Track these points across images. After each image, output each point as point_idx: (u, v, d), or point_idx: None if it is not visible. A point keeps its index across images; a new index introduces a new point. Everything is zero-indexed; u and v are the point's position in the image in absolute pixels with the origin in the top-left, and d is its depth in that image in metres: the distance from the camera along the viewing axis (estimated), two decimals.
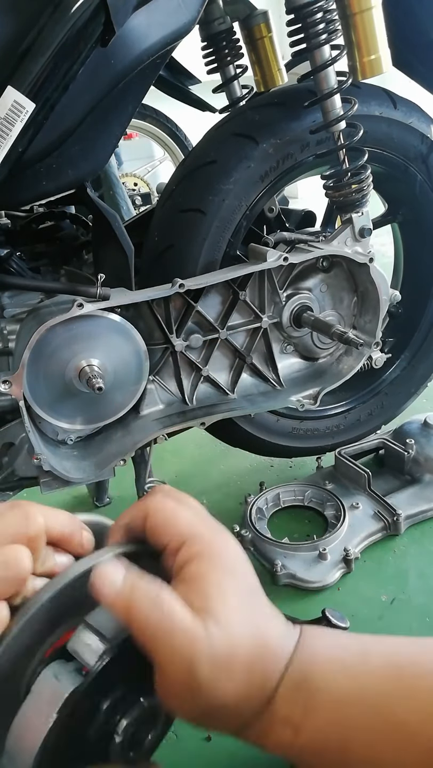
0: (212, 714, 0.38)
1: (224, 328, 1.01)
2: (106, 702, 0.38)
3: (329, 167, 1.06)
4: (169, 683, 0.37)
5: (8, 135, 0.72)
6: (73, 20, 0.70)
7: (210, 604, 0.38)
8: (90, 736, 0.38)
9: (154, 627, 0.37)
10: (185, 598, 0.38)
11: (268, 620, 0.41)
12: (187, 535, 0.41)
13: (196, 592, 0.38)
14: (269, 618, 0.41)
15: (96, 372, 0.88)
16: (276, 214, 1.12)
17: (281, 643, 0.40)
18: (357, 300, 1.13)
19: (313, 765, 0.40)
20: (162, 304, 0.96)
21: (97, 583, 0.38)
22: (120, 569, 0.39)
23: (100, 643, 0.38)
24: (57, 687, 0.37)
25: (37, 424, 0.94)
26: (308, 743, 0.38)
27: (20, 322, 0.95)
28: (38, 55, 0.70)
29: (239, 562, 0.42)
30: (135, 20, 0.79)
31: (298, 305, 1.07)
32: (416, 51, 1.14)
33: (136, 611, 0.37)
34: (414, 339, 1.31)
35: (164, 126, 3.07)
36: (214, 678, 0.37)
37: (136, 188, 3.77)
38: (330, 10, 0.92)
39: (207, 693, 0.37)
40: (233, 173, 0.99)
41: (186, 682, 0.37)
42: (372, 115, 1.06)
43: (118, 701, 0.39)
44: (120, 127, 0.89)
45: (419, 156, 1.13)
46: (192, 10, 0.84)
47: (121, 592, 0.37)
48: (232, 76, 1.23)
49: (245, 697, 0.38)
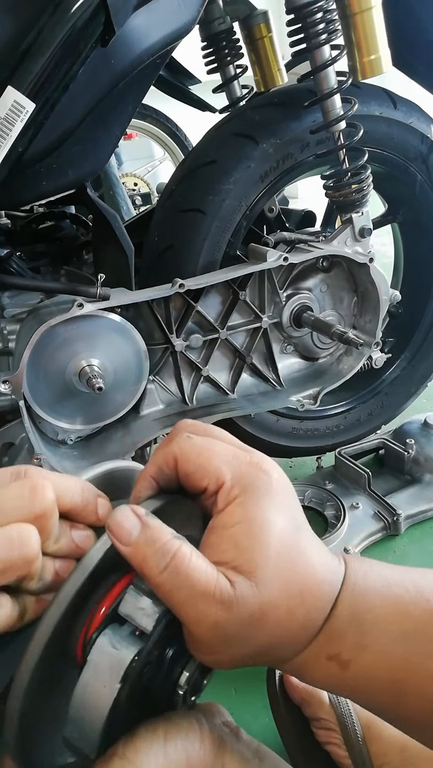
0: (245, 661, 0.37)
1: (224, 328, 1.01)
2: (166, 660, 0.38)
3: (329, 167, 1.06)
4: (197, 644, 0.36)
5: (8, 135, 0.72)
6: (74, 20, 0.70)
7: (245, 558, 0.35)
8: (154, 693, 0.38)
9: (173, 593, 0.34)
10: (219, 549, 0.36)
11: (311, 562, 0.38)
12: (225, 476, 0.38)
13: (233, 543, 0.36)
14: (314, 558, 0.38)
15: (96, 372, 0.88)
16: (276, 214, 1.12)
17: (326, 585, 0.38)
18: (357, 300, 1.13)
19: (361, 698, 0.39)
20: (162, 304, 0.96)
21: (113, 531, 0.36)
22: (138, 516, 0.36)
23: (153, 606, 0.36)
24: (116, 656, 0.36)
25: (37, 424, 0.94)
26: (356, 678, 0.37)
27: (20, 322, 0.95)
28: (38, 55, 0.70)
29: (283, 497, 0.38)
30: (135, 20, 0.79)
31: (298, 305, 1.07)
32: (416, 51, 1.14)
33: (151, 575, 0.35)
34: (414, 339, 1.31)
35: (164, 126, 3.07)
36: (245, 635, 0.35)
37: (136, 188, 3.77)
38: (330, 10, 0.92)
39: (238, 648, 0.36)
40: (233, 173, 0.98)
41: (213, 644, 0.35)
42: (372, 115, 1.06)
43: (178, 655, 0.38)
44: (120, 127, 0.89)
45: (419, 156, 1.13)
46: (192, 10, 0.84)
47: (136, 548, 0.35)
48: (232, 76, 1.23)
49: (283, 642, 0.37)
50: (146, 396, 1.00)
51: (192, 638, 0.36)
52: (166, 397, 1.04)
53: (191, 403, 1.03)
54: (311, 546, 0.38)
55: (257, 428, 1.16)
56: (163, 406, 1.03)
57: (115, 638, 0.36)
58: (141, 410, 1.01)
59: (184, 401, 1.03)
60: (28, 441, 0.89)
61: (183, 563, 0.34)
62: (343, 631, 0.37)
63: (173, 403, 1.04)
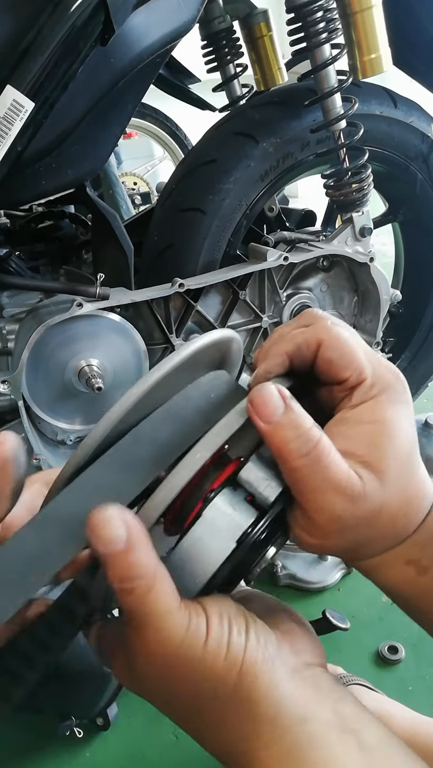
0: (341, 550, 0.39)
1: (224, 328, 1.01)
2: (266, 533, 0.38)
3: (329, 166, 1.06)
4: (310, 528, 0.37)
5: (7, 134, 0.72)
6: (73, 19, 0.69)
7: (377, 456, 0.36)
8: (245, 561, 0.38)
9: (308, 479, 0.35)
10: (352, 440, 0.37)
11: (422, 476, 0.39)
12: (367, 372, 0.38)
13: (366, 439, 0.37)
14: (422, 472, 0.40)
15: (95, 372, 0.88)
16: (276, 213, 1.12)
17: (427, 498, 0.40)
18: (358, 299, 1.12)
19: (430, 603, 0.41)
20: (162, 304, 0.96)
21: (256, 406, 0.35)
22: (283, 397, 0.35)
23: (275, 480, 0.37)
24: (235, 518, 0.36)
25: (37, 425, 0.94)
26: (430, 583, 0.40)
27: (19, 322, 0.95)
28: (38, 54, 0.70)
29: (411, 408, 0.39)
30: (135, 19, 0.78)
31: (298, 305, 1.07)
32: (416, 50, 1.13)
33: (291, 457, 0.34)
34: (415, 339, 1.31)
35: (164, 125, 3.07)
36: (358, 528, 0.37)
37: (136, 187, 3.77)
38: (330, 9, 0.92)
39: (346, 537, 0.37)
40: (233, 172, 0.98)
41: (327, 531, 0.36)
42: (373, 114, 1.05)
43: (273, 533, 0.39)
44: (120, 126, 0.89)
45: (419, 155, 1.13)
46: (192, 8, 0.84)
47: (278, 428, 0.34)
48: (232, 75, 1.22)
49: (378, 541, 0.39)
50: None
51: (308, 522, 0.37)
52: None
53: None
54: (419, 460, 0.40)
55: None
56: None
57: (234, 501, 0.37)
58: None
59: None
60: (27, 441, 0.89)
61: (324, 453, 0.35)
62: (428, 541, 0.39)
63: None
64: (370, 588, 0.46)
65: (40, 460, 0.88)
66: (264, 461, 0.37)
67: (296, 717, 0.33)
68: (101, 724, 0.92)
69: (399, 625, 1.02)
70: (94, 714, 0.91)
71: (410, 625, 1.10)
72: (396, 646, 0.99)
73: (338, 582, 1.06)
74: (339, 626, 0.62)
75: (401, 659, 0.98)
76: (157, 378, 0.35)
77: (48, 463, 0.89)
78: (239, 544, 0.36)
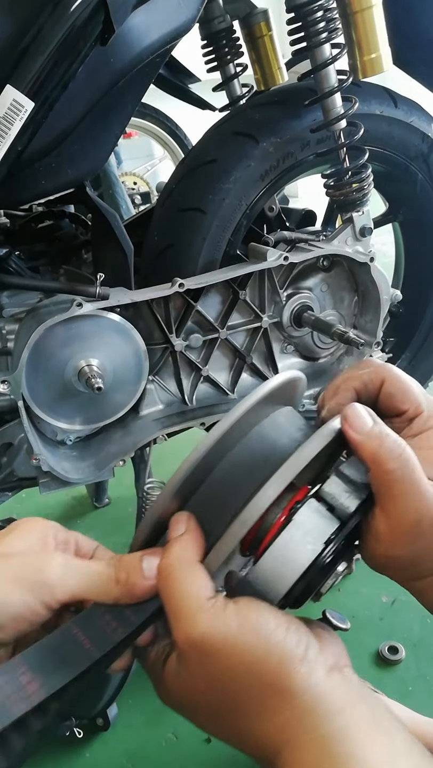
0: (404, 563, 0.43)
1: (224, 328, 1.01)
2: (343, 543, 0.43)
3: (329, 166, 1.06)
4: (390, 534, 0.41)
5: (7, 134, 0.72)
6: (73, 19, 0.69)
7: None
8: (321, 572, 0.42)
9: (397, 479, 0.40)
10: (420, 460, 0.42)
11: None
12: (423, 406, 0.46)
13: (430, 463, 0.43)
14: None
15: (95, 372, 0.88)
16: (276, 213, 1.11)
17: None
18: (358, 299, 1.12)
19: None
20: (162, 304, 0.96)
21: (350, 420, 0.42)
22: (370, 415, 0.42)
23: (354, 493, 0.42)
24: (323, 522, 0.41)
25: (36, 425, 0.94)
26: None
27: (19, 322, 0.95)
28: (37, 54, 0.70)
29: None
30: (135, 19, 0.78)
31: (298, 305, 1.07)
32: (416, 49, 1.13)
33: (384, 460, 0.40)
34: (415, 339, 1.31)
35: (164, 125, 3.07)
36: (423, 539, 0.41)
37: (136, 187, 3.77)
38: (330, 8, 0.92)
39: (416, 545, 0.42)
40: (233, 172, 0.98)
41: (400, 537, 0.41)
42: (373, 113, 1.05)
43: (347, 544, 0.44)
44: (119, 126, 0.88)
45: (419, 155, 1.12)
46: (192, 8, 0.84)
47: (370, 437, 0.41)
48: (232, 75, 1.22)
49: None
50: (146, 396, 1.00)
51: (386, 527, 0.41)
52: (166, 397, 1.03)
53: (191, 403, 1.03)
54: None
55: None
56: (163, 406, 1.03)
57: (319, 509, 0.42)
58: (140, 410, 1.01)
59: (184, 401, 1.03)
60: (26, 441, 0.89)
61: (412, 457, 0.41)
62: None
63: (173, 403, 1.03)
64: (370, 588, 0.47)
65: (40, 460, 0.88)
66: (343, 478, 0.43)
67: (334, 708, 0.37)
68: (101, 724, 0.92)
69: (399, 626, 1.02)
70: (94, 714, 0.91)
71: (410, 626, 1.11)
72: (396, 647, 0.99)
73: (338, 582, 1.06)
74: (339, 626, 0.62)
75: (401, 659, 0.98)
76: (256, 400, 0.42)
77: (48, 463, 0.88)
78: (325, 546, 0.41)
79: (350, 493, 0.42)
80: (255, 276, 1.00)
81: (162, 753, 0.89)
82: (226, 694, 0.39)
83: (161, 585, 0.41)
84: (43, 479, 0.92)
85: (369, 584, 1.07)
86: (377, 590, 1.06)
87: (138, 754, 0.90)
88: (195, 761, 0.87)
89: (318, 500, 0.42)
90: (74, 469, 0.95)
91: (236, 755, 0.85)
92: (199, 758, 0.86)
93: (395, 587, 0.60)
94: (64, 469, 0.92)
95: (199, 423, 1.00)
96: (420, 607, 1.09)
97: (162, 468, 1.50)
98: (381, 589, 1.06)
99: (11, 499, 1.01)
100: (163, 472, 1.48)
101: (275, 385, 0.44)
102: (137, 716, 0.94)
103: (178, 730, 0.91)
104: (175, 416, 1.01)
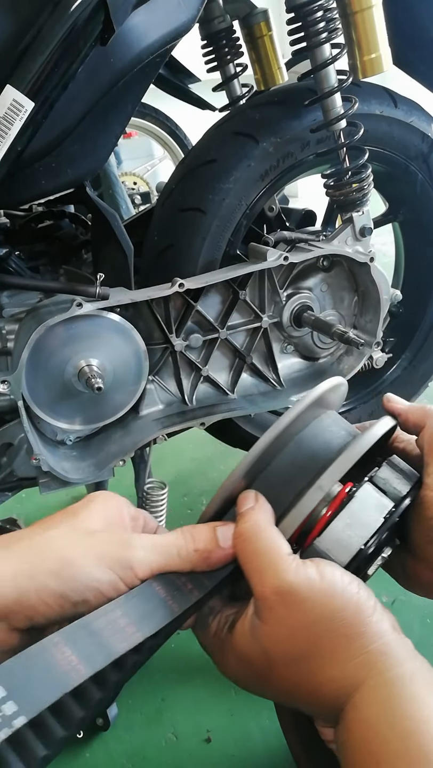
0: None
1: (224, 328, 1.01)
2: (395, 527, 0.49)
3: (329, 166, 1.06)
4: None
5: (7, 134, 0.72)
6: (73, 19, 0.69)
7: None
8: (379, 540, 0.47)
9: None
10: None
11: None
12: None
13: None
14: None
15: (95, 372, 0.88)
16: (276, 213, 1.12)
17: None
18: (358, 299, 1.12)
19: None
20: (162, 304, 0.96)
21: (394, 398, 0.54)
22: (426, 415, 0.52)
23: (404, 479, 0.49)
24: (382, 499, 0.47)
25: (36, 425, 0.94)
26: None
27: (19, 322, 0.95)
28: (37, 54, 0.70)
29: None
30: (135, 18, 0.78)
31: (298, 305, 1.07)
32: (416, 49, 1.13)
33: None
34: (415, 339, 1.31)
35: (164, 125, 3.07)
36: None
37: (136, 187, 3.77)
38: (330, 8, 0.92)
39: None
40: (233, 172, 0.98)
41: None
42: (373, 113, 1.05)
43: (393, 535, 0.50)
44: (119, 126, 0.88)
45: (419, 155, 1.12)
46: (192, 8, 0.84)
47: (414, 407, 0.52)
48: (232, 75, 1.22)
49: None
50: (146, 396, 1.00)
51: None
52: (166, 397, 1.03)
53: (191, 403, 1.03)
54: None
55: (257, 428, 1.16)
56: (163, 406, 1.03)
57: (376, 489, 0.48)
58: (140, 410, 1.01)
59: (184, 401, 1.03)
60: (26, 441, 0.89)
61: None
62: None
63: (173, 403, 1.03)
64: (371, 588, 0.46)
65: (40, 460, 0.88)
66: (393, 467, 0.49)
67: (401, 656, 0.43)
68: (101, 724, 0.92)
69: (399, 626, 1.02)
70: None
71: (410, 626, 1.11)
72: None
73: None
74: None
75: None
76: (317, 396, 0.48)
77: (48, 463, 0.88)
78: (385, 520, 0.46)
79: (401, 478, 0.48)
80: (255, 276, 1.01)
81: (162, 753, 0.89)
82: (308, 642, 0.43)
83: (241, 548, 0.45)
84: (43, 479, 0.92)
85: (369, 584, 1.07)
86: (378, 590, 1.05)
87: (138, 754, 0.90)
88: (195, 761, 0.87)
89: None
90: (74, 469, 0.95)
91: (236, 755, 0.85)
92: (199, 758, 0.86)
93: (396, 587, 0.60)
94: (64, 469, 0.92)
95: (199, 423, 1.00)
96: (420, 607, 1.10)
97: (162, 468, 1.50)
98: (382, 589, 1.05)
99: (11, 499, 1.01)
100: (163, 472, 1.48)
101: (332, 385, 0.50)
102: (137, 716, 0.94)
103: (178, 730, 0.91)
104: (175, 416, 1.01)
